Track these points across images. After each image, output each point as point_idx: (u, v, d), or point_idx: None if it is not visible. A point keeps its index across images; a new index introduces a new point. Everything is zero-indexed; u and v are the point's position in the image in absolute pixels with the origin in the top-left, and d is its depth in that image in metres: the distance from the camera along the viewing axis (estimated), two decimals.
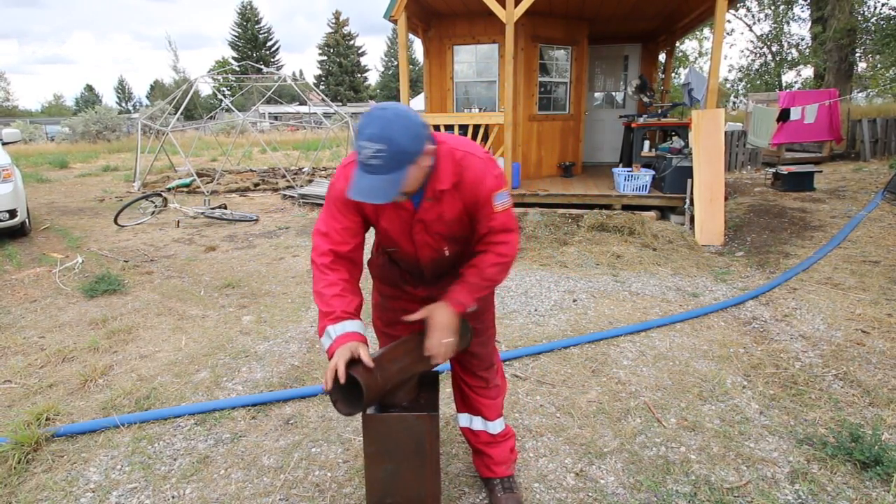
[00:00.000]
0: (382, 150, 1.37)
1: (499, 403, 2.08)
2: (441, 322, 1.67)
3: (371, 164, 1.40)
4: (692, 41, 22.00)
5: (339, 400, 1.57)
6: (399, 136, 1.39)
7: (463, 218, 1.69)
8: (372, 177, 1.41)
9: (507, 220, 1.69)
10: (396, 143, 1.38)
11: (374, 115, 1.41)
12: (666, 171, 6.68)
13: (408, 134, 1.40)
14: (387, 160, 1.38)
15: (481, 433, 2.09)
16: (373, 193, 1.42)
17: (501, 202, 1.66)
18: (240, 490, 2.23)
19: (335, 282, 1.68)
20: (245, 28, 56.90)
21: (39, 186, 11.42)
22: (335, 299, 1.65)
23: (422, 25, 8.14)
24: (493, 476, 2.11)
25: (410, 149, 1.41)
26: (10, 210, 6.11)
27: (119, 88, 65.29)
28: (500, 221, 1.67)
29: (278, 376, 3.18)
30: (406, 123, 1.40)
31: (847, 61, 16.16)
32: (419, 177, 1.51)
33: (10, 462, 2.38)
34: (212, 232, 7.09)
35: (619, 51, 10.24)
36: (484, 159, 1.64)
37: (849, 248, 5.27)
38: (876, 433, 2.37)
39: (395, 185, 1.42)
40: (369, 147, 1.38)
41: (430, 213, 1.65)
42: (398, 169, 1.41)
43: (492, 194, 1.63)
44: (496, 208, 1.65)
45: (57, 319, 4.14)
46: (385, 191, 1.42)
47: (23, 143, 21.88)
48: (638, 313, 4.00)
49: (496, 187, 1.64)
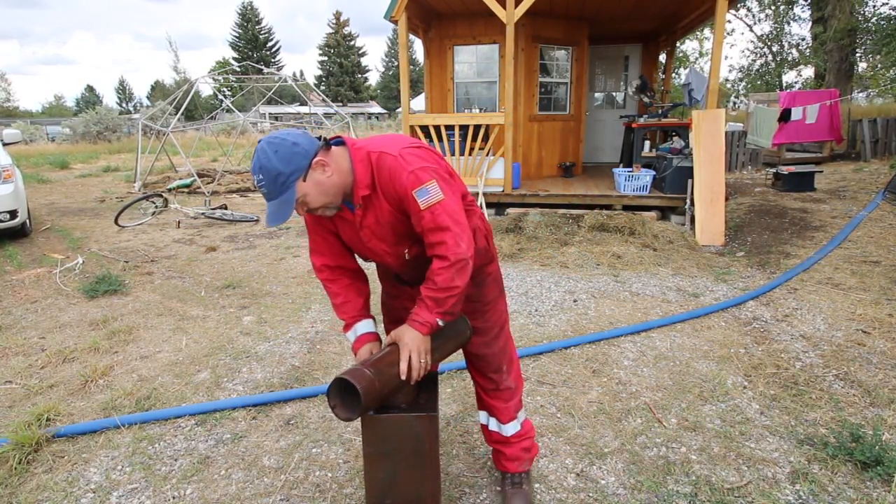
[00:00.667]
0: (262, 179, 1.51)
1: (511, 406, 2.05)
2: (408, 345, 1.63)
3: (263, 193, 1.55)
4: (693, 41, 21.98)
5: (338, 405, 1.58)
6: (270, 162, 1.50)
7: (400, 218, 1.66)
8: (270, 203, 1.55)
9: (437, 218, 1.56)
10: (269, 170, 1.50)
11: (256, 149, 1.54)
12: (666, 172, 6.68)
13: (277, 157, 1.50)
14: (269, 186, 1.52)
15: (495, 433, 2.10)
16: (273, 217, 1.56)
17: (424, 199, 1.55)
18: (240, 490, 2.23)
19: (337, 292, 1.86)
20: (246, 28, 56.93)
21: (40, 187, 11.43)
22: (342, 308, 1.85)
23: (422, 26, 8.14)
24: (505, 470, 2.13)
25: (285, 169, 1.51)
26: (11, 210, 6.12)
27: (120, 89, 65.35)
28: (428, 220, 1.57)
29: (279, 377, 3.18)
30: (276, 148, 1.51)
31: (847, 61, 16.15)
32: (322, 190, 1.57)
33: (11, 462, 2.38)
34: (212, 232, 7.09)
35: (620, 51, 10.25)
36: (397, 156, 1.57)
37: (849, 248, 5.27)
38: (876, 433, 2.37)
39: (286, 205, 1.54)
40: (255, 179, 1.54)
41: (367, 218, 1.68)
42: (284, 190, 1.53)
43: (410, 192, 1.55)
44: (420, 206, 1.56)
45: (57, 320, 4.14)
46: (280, 213, 1.55)
47: (23, 144, 21.90)
48: (638, 313, 4.00)
49: (414, 184, 1.55)
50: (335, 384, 1.57)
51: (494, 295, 1.98)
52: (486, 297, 1.95)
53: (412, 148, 1.61)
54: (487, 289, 1.94)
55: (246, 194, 10.24)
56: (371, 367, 1.58)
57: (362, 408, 1.51)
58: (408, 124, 7.38)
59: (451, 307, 1.64)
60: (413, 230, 1.67)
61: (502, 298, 2.03)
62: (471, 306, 1.91)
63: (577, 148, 9.09)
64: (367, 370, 1.56)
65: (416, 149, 1.62)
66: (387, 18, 7.14)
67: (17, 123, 29.44)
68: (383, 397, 1.61)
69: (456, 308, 1.67)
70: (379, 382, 1.56)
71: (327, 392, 1.59)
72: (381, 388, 1.56)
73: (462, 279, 1.61)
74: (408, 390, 1.71)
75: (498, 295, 2.00)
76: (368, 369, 1.56)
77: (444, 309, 1.63)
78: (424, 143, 1.70)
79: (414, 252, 1.75)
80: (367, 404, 1.52)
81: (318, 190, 1.56)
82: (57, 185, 11.84)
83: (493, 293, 1.97)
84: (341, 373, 1.56)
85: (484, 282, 1.92)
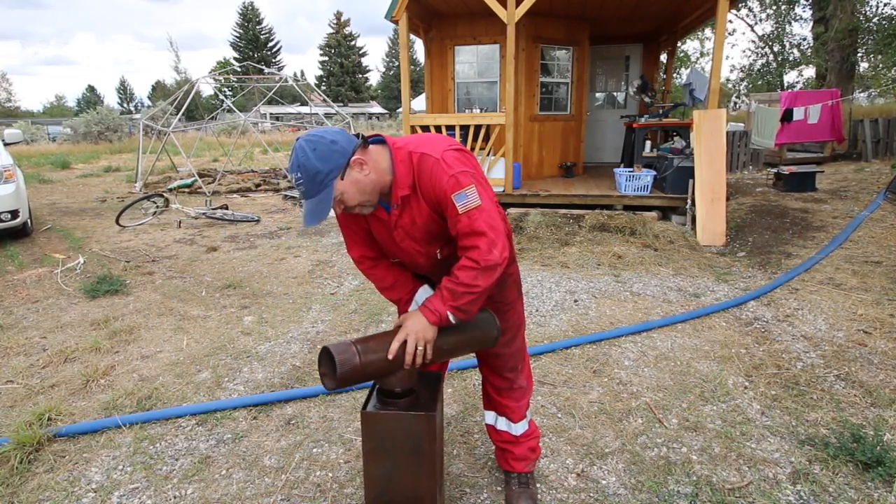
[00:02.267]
0: (300, 178, 1.51)
1: (523, 405, 2.06)
2: (408, 328, 1.62)
3: (301, 192, 1.54)
4: (694, 41, 21.97)
5: (327, 374, 1.65)
6: (308, 161, 1.49)
7: (436, 219, 1.66)
8: (307, 202, 1.54)
9: (474, 223, 1.57)
10: (307, 168, 1.50)
11: (293, 148, 1.54)
12: (667, 172, 6.68)
13: (316, 156, 1.50)
14: (307, 184, 1.51)
15: (504, 433, 2.09)
16: (310, 216, 1.55)
17: (463, 203, 1.56)
18: (241, 490, 2.23)
19: (383, 276, 1.86)
20: (246, 29, 56.98)
21: (41, 187, 11.44)
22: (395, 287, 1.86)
23: (423, 26, 8.14)
24: (511, 470, 2.13)
25: (323, 168, 1.50)
26: (13, 210, 6.13)
27: (121, 89, 65.45)
28: (465, 224, 1.58)
29: (279, 377, 3.18)
30: (314, 146, 1.51)
31: (849, 61, 16.12)
32: (360, 189, 1.57)
33: (13, 462, 2.39)
34: (213, 232, 7.10)
35: (621, 51, 10.24)
36: (439, 159, 1.57)
37: (850, 248, 5.26)
38: (878, 434, 2.37)
39: (324, 204, 1.53)
40: (293, 177, 1.53)
41: (402, 218, 1.68)
42: (322, 189, 1.52)
43: (449, 196, 1.56)
44: (458, 210, 1.57)
45: (59, 320, 4.14)
46: (318, 211, 1.54)
47: (25, 144, 21.93)
48: (639, 314, 3.99)
49: (454, 188, 1.56)
50: (324, 353, 1.64)
51: (514, 296, 1.98)
52: (507, 297, 1.95)
53: (453, 151, 1.61)
54: (508, 290, 1.95)
55: (247, 194, 10.25)
56: (359, 343, 1.62)
57: (339, 378, 1.56)
58: (408, 124, 7.38)
59: (466, 304, 1.62)
60: (447, 232, 1.67)
61: (521, 300, 2.03)
62: (492, 307, 1.91)
63: (578, 148, 9.08)
64: (353, 345, 1.61)
65: (457, 152, 1.62)
66: (387, 18, 7.14)
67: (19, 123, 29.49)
68: (368, 375, 1.63)
69: (472, 307, 1.64)
70: (363, 358, 1.59)
71: (319, 359, 1.66)
72: (363, 365, 1.59)
73: (485, 281, 1.59)
74: (402, 374, 1.68)
75: (517, 296, 2.00)
76: (356, 345, 1.61)
77: (459, 304, 1.61)
78: (464, 147, 1.69)
79: (446, 252, 1.76)
80: (343, 375, 1.56)
81: (356, 188, 1.56)
82: (58, 185, 11.86)
83: (513, 294, 1.97)
84: (329, 344, 1.63)
85: (505, 283, 1.93)
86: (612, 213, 6.35)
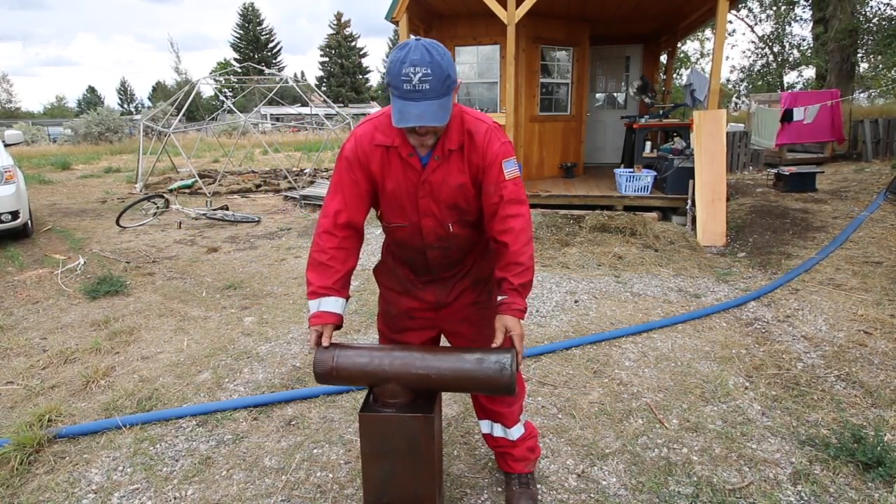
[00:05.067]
0: (429, 74, 1.41)
1: (515, 410, 2.05)
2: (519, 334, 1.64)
3: (420, 90, 1.42)
4: (694, 42, 22.01)
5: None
6: (443, 60, 1.44)
7: (468, 186, 1.67)
8: (423, 102, 1.43)
9: (519, 190, 1.64)
10: (441, 67, 1.43)
11: (412, 45, 1.44)
12: (668, 172, 6.68)
13: (447, 60, 1.46)
14: (434, 83, 1.42)
15: (501, 439, 2.09)
16: (427, 116, 1.44)
17: (511, 170, 1.62)
18: (241, 491, 2.23)
19: (324, 249, 1.71)
20: (247, 30, 57.01)
21: (42, 188, 11.44)
22: (320, 270, 1.70)
23: (423, 26, 8.14)
24: (511, 471, 2.12)
25: (452, 74, 1.47)
26: (13, 211, 6.12)
27: (121, 90, 65.41)
28: (511, 191, 1.62)
29: (280, 377, 3.18)
30: (442, 51, 1.46)
31: (849, 62, 16.11)
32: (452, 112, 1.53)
33: (13, 463, 2.39)
34: (213, 233, 7.10)
35: (621, 52, 10.24)
36: (492, 126, 1.64)
37: (851, 248, 5.26)
38: (878, 434, 2.37)
39: (445, 108, 1.47)
40: (417, 71, 1.41)
41: (437, 173, 1.64)
42: (446, 93, 1.46)
43: (501, 160, 1.61)
44: (506, 176, 1.62)
45: (59, 321, 4.14)
46: (438, 113, 1.45)
47: (25, 145, 21.93)
48: (640, 314, 3.99)
49: (505, 154, 1.62)
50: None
51: None
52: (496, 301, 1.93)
53: (497, 127, 1.68)
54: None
55: (247, 195, 10.25)
56: (345, 349, 1.70)
57: (314, 374, 1.69)
58: None
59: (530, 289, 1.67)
60: (469, 203, 1.69)
61: None
62: (479, 313, 1.90)
63: (578, 148, 9.08)
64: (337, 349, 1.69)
65: (499, 129, 1.67)
66: (388, 19, 7.14)
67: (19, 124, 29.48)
68: (343, 379, 1.70)
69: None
70: (336, 363, 1.67)
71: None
72: (336, 369, 1.67)
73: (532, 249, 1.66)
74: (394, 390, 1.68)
75: None
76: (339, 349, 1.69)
77: (529, 292, 1.66)
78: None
79: (456, 229, 1.74)
80: (317, 374, 1.68)
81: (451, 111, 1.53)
82: (58, 185, 11.86)
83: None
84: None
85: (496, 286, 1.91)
86: (613, 214, 6.35)
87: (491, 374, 1.61)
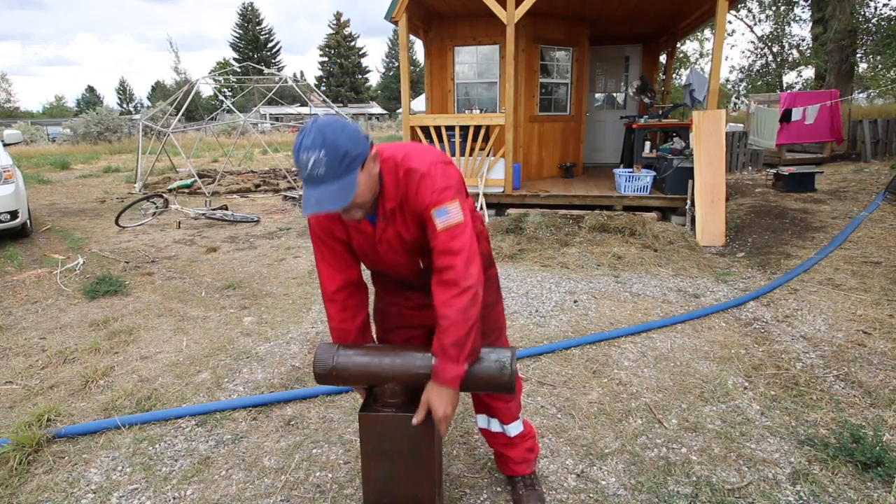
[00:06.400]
0: (324, 156, 1.33)
1: (513, 407, 2.05)
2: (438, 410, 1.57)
3: (316, 175, 1.35)
4: (693, 42, 21.97)
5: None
6: (337, 139, 1.35)
7: (420, 234, 1.61)
8: (320, 188, 1.36)
9: (450, 241, 1.50)
10: (337, 146, 1.34)
11: (309, 126, 1.38)
12: (667, 172, 6.68)
13: (345, 136, 1.37)
14: (330, 164, 1.34)
15: (499, 435, 2.08)
16: (324, 201, 1.36)
17: (442, 219, 1.49)
18: (241, 491, 2.23)
19: (332, 316, 1.80)
20: (246, 29, 57.01)
21: (41, 188, 11.43)
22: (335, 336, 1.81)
23: (423, 26, 8.15)
24: (514, 475, 2.12)
25: (353, 150, 1.37)
26: (12, 211, 6.12)
27: (120, 90, 65.43)
28: (441, 241, 1.51)
29: (279, 377, 3.18)
30: (342, 127, 1.38)
31: (848, 62, 16.14)
32: (370, 186, 1.47)
33: (12, 463, 2.38)
34: (213, 233, 7.10)
35: (620, 52, 10.24)
36: (424, 172, 1.50)
37: (850, 248, 5.26)
38: (877, 434, 2.37)
39: (347, 189, 1.38)
40: (310, 156, 1.33)
41: (387, 231, 1.62)
42: (346, 174, 1.37)
43: (429, 211, 1.49)
44: (437, 226, 1.50)
45: (58, 320, 4.14)
46: (337, 197, 1.37)
47: (24, 145, 21.93)
48: (639, 314, 4.00)
49: (435, 202, 1.49)
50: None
51: (493, 298, 1.97)
52: (486, 300, 1.93)
53: (440, 164, 1.55)
54: (486, 292, 1.93)
55: (246, 195, 10.25)
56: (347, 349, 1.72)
57: (315, 375, 1.71)
58: (408, 125, 7.39)
59: (473, 346, 1.54)
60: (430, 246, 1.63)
61: (500, 302, 2.03)
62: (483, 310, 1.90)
63: (578, 148, 9.09)
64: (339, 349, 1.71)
65: (444, 165, 1.56)
66: (387, 19, 7.14)
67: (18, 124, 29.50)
68: (343, 379, 1.71)
69: (478, 344, 1.57)
70: (337, 360, 1.69)
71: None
72: (336, 369, 1.68)
73: (476, 309, 1.52)
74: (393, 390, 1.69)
75: (496, 299, 2.00)
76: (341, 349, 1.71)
77: (469, 351, 1.54)
78: (451, 159, 1.64)
79: (427, 262, 1.72)
80: (317, 373, 1.70)
81: (368, 184, 1.45)
82: (58, 185, 11.85)
83: (491, 297, 1.96)
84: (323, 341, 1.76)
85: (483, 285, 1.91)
86: (612, 214, 6.35)
87: (491, 372, 1.63)
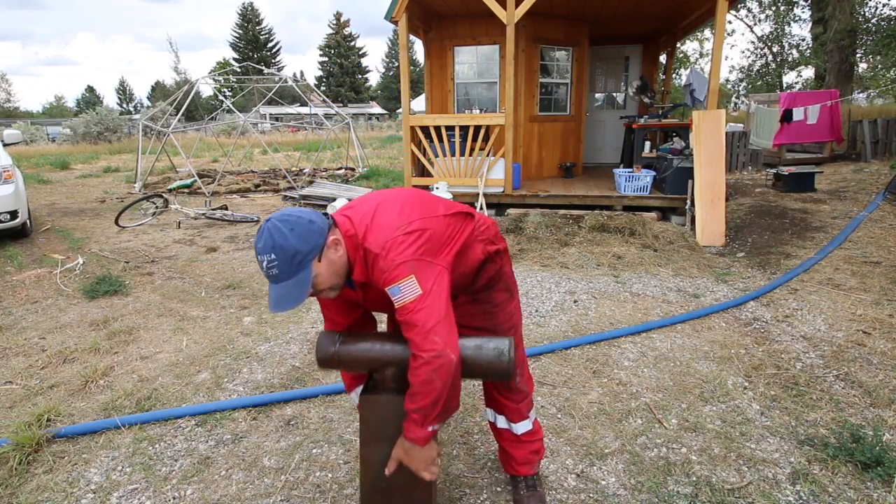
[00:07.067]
0: (274, 260, 1.42)
1: (523, 407, 2.04)
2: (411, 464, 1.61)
3: (272, 275, 1.43)
4: (693, 42, 21.99)
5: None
6: (286, 241, 1.41)
7: None
8: (277, 286, 1.45)
9: (406, 316, 1.48)
10: (284, 249, 1.41)
11: (262, 229, 1.45)
12: (667, 172, 6.68)
13: (294, 235, 1.42)
14: (281, 266, 1.42)
15: (505, 431, 2.08)
16: (282, 301, 1.45)
17: (397, 297, 1.48)
18: (241, 491, 2.23)
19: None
20: (246, 29, 57.01)
21: (40, 187, 11.43)
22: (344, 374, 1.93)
23: (423, 26, 8.14)
24: (517, 474, 2.12)
25: (303, 248, 1.43)
26: (12, 211, 6.12)
27: (120, 90, 65.42)
28: (399, 315, 1.51)
29: (279, 377, 3.18)
30: (291, 226, 1.43)
31: (848, 62, 16.14)
32: (334, 271, 1.52)
33: (11, 463, 2.39)
34: (213, 233, 7.10)
35: (620, 52, 10.25)
36: (378, 253, 1.50)
37: (850, 248, 5.26)
38: (877, 434, 2.37)
39: (301, 286, 1.45)
40: (263, 259, 1.42)
41: (368, 294, 1.69)
42: (299, 270, 1.44)
43: (387, 289, 1.50)
44: (396, 304, 1.50)
45: (58, 320, 4.14)
46: (292, 296, 1.45)
47: (24, 145, 21.94)
48: (639, 314, 4.00)
49: (389, 281, 1.48)
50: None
51: (503, 298, 1.94)
52: (495, 299, 1.92)
53: (399, 238, 1.51)
54: (497, 292, 1.92)
55: (246, 195, 10.24)
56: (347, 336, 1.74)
57: (317, 360, 1.74)
58: (408, 125, 7.39)
59: (441, 412, 1.53)
60: None
61: (513, 302, 1.99)
62: (479, 308, 1.90)
63: (578, 148, 9.09)
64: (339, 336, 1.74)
65: (404, 237, 1.52)
66: (387, 19, 7.14)
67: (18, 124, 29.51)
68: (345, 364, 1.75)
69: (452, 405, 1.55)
70: (339, 345, 1.72)
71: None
72: (339, 354, 1.72)
73: (442, 379, 1.47)
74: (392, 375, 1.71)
75: (507, 298, 1.96)
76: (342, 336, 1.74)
77: (433, 417, 1.53)
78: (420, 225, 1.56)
79: None
80: (319, 359, 1.73)
81: (331, 270, 1.51)
82: (57, 185, 11.85)
83: (501, 296, 1.93)
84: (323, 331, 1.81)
85: (493, 286, 1.91)
86: (612, 214, 6.35)
87: (489, 359, 1.66)
